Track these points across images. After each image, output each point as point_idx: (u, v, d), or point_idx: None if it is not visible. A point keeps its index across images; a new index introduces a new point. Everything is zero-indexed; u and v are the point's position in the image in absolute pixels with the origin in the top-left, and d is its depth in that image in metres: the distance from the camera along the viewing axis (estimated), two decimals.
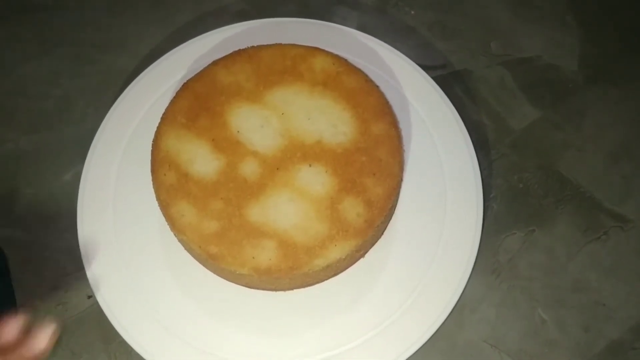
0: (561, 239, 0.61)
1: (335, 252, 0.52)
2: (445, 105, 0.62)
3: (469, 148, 0.60)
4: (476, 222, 0.58)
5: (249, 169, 0.54)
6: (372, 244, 0.56)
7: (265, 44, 0.60)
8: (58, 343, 0.51)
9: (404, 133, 0.58)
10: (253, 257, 0.51)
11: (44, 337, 0.42)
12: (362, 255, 0.56)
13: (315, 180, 0.54)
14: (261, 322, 0.55)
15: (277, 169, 0.54)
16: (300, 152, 0.55)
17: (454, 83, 0.67)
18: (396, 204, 0.57)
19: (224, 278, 0.55)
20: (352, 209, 0.53)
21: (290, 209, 0.53)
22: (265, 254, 0.52)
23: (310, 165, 0.54)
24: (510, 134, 0.65)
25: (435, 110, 0.62)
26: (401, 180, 0.55)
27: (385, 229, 0.57)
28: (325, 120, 0.56)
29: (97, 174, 0.60)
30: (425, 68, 0.65)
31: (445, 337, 0.57)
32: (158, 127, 0.57)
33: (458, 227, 0.58)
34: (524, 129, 0.66)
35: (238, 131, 0.56)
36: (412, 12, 0.72)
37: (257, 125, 0.56)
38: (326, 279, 0.55)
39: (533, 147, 0.65)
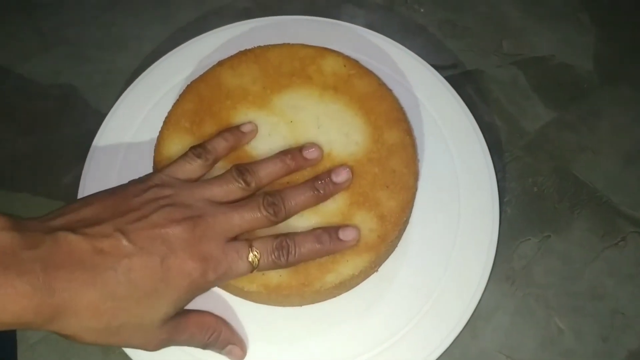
0: (577, 244, 0.56)
1: (348, 268, 0.46)
2: (460, 107, 0.56)
3: (484, 153, 0.54)
4: (492, 230, 0.52)
5: None
6: (386, 258, 0.50)
7: (271, 43, 0.54)
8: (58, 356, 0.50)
9: (416, 136, 0.52)
10: (262, 274, 0.46)
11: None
12: (376, 270, 0.50)
13: None
14: (267, 333, 0.49)
15: (287, 182, 0.48)
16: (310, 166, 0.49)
17: (465, 83, 0.62)
18: (410, 216, 0.50)
19: (232, 294, 0.49)
20: (365, 224, 0.47)
21: (301, 225, 0.47)
22: (275, 271, 0.46)
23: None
24: (523, 136, 0.61)
25: (449, 112, 0.56)
26: (415, 191, 0.49)
27: (399, 241, 0.50)
28: (336, 128, 0.50)
29: (97, 178, 0.54)
30: (435, 68, 0.59)
31: (458, 347, 0.52)
32: (161, 131, 0.51)
33: (473, 235, 0.52)
34: (537, 130, 0.61)
35: None
36: (422, 10, 0.67)
37: (264, 133, 0.50)
38: (337, 295, 0.49)
39: (547, 150, 0.60)
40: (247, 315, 0.49)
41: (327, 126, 0.50)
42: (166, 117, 0.51)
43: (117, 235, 0.40)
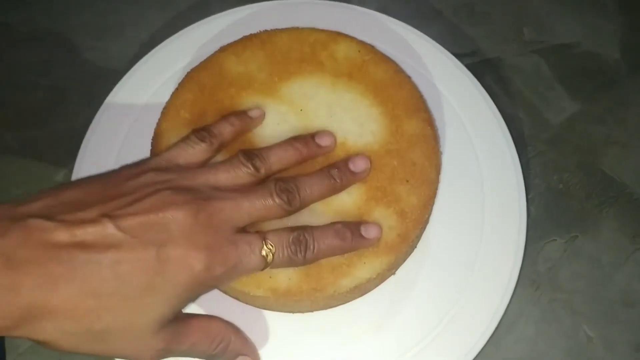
0: (606, 245, 0.52)
1: (365, 271, 0.42)
2: (482, 98, 0.52)
3: (509, 146, 0.50)
4: (519, 230, 0.48)
5: None
6: (405, 260, 0.46)
7: (278, 27, 0.50)
8: None
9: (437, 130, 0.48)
10: (270, 277, 0.42)
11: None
12: (393, 273, 0.45)
13: None
14: (276, 345, 0.45)
15: (297, 173, 0.44)
16: (323, 156, 0.45)
17: (485, 72, 0.58)
18: (431, 213, 0.46)
19: (235, 298, 0.45)
20: (383, 222, 0.43)
21: (312, 222, 0.42)
22: (285, 273, 0.42)
23: None
24: (547, 129, 0.57)
25: (471, 103, 0.52)
26: (437, 186, 0.45)
27: (419, 241, 0.46)
28: (350, 117, 0.46)
29: (92, 172, 0.48)
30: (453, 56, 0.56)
31: (479, 358, 0.47)
32: (158, 124, 0.46)
33: (498, 237, 0.48)
34: (562, 123, 0.57)
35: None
36: None
37: (272, 123, 0.46)
38: (352, 300, 0.45)
39: (573, 144, 0.56)
40: (251, 321, 0.45)
41: (341, 116, 0.46)
42: (164, 109, 0.47)
43: (104, 221, 0.34)
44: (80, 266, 0.33)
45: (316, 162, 0.44)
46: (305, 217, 0.42)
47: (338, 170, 0.42)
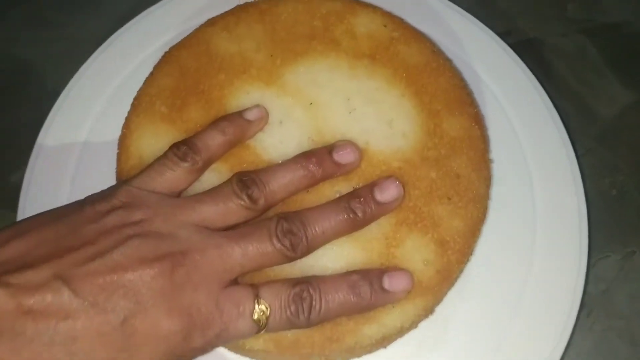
0: None
1: (394, 318, 0.30)
2: (535, 89, 0.39)
3: (566, 148, 0.38)
4: (580, 255, 0.35)
5: None
6: (443, 298, 0.33)
7: None
8: None
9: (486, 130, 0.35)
10: None
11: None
12: (430, 314, 0.33)
13: None
14: None
15: (306, 191, 0.31)
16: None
17: (522, 55, 0.46)
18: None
19: (228, 349, 0.32)
20: (418, 254, 0.30)
21: (327, 253, 0.30)
22: None
23: (354, 187, 0.32)
24: (596, 123, 0.46)
25: (520, 96, 0.39)
26: (487, 205, 0.33)
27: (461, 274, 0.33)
28: (375, 113, 0.33)
29: (43, 185, 0.37)
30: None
31: None
32: (127, 119, 0.34)
33: (554, 265, 0.35)
34: (614, 116, 0.47)
35: None
36: None
37: (274, 120, 0.33)
38: (374, 351, 0.32)
39: (627, 141, 0.46)
40: None
41: (362, 111, 0.33)
42: (135, 99, 0.34)
43: (57, 284, 0.26)
44: (27, 342, 0.26)
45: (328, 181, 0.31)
46: (310, 257, 0.30)
47: (360, 202, 0.30)
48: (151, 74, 0.34)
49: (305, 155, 0.31)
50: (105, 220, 0.29)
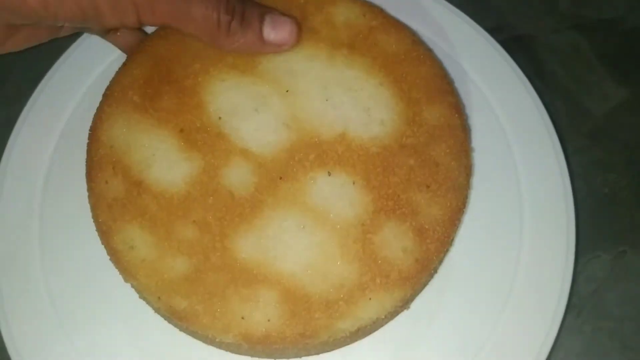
0: None
1: (370, 310, 0.29)
2: (520, 81, 0.39)
3: (553, 142, 0.38)
4: (566, 252, 0.36)
5: (238, 177, 0.32)
6: (422, 290, 0.32)
7: None
8: None
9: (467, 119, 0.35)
10: (242, 317, 0.29)
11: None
12: (407, 307, 0.32)
13: (338, 196, 0.31)
14: None
15: (280, 178, 0.31)
16: (314, 153, 0.32)
17: (513, 51, 0.47)
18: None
19: (201, 341, 0.32)
20: (396, 242, 0.30)
21: (301, 242, 0.30)
22: (262, 312, 0.30)
23: (330, 174, 0.31)
24: (588, 121, 0.46)
25: (504, 88, 0.39)
26: (468, 194, 0.33)
27: (440, 265, 0.33)
28: (353, 101, 0.33)
29: (19, 177, 0.37)
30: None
31: None
32: (98, 110, 0.34)
33: (540, 259, 0.35)
34: (606, 114, 0.47)
35: (220, 117, 0.33)
36: None
37: (249, 108, 0.33)
38: (352, 343, 0.32)
39: (619, 138, 0.46)
40: None
41: (339, 99, 0.33)
42: (107, 89, 0.34)
43: None
44: None
45: (306, 159, 0.31)
46: (290, 237, 0.30)
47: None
48: (124, 64, 0.34)
49: None
50: None
